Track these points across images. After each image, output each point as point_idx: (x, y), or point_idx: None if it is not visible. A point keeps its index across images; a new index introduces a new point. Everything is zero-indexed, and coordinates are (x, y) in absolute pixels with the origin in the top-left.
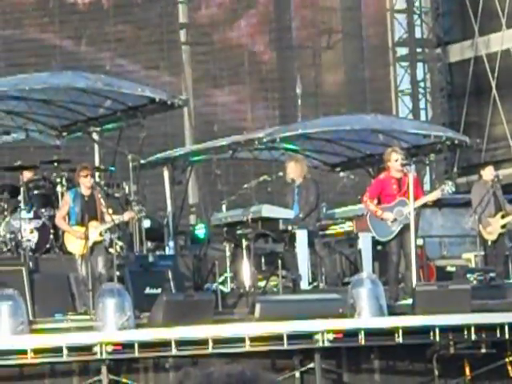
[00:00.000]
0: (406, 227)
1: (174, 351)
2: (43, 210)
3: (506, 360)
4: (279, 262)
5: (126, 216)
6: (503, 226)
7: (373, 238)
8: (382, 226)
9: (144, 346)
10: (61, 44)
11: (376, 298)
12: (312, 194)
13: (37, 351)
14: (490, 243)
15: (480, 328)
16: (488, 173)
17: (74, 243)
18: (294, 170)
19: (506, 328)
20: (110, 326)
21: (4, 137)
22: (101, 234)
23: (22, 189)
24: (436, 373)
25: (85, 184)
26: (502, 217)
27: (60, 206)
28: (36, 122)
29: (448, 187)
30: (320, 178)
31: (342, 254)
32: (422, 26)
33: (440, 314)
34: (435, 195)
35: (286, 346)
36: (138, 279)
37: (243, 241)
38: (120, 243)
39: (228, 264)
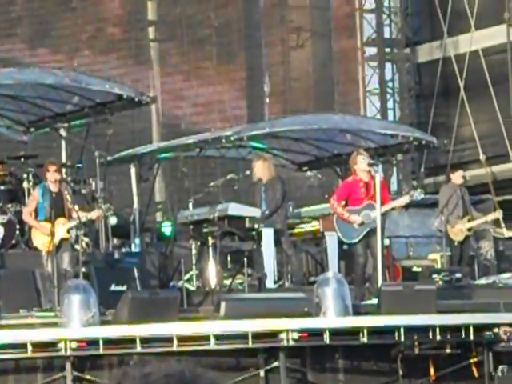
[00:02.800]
0: (372, 229)
1: (139, 348)
2: (9, 206)
3: (471, 361)
4: (245, 260)
5: (94, 215)
6: (469, 230)
7: (339, 237)
8: (347, 228)
9: (109, 342)
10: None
11: (341, 297)
12: (278, 191)
13: (1, 347)
14: (456, 244)
15: (445, 328)
16: (458, 176)
17: (41, 239)
18: (262, 169)
19: (471, 329)
20: (74, 322)
21: None
22: (68, 231)
23: None
24: (400, 373)
25: (51, 179)
26: (469, 220)
27: (28, 201)
28: (3, 117)
29: (417, 194)
30: (287, 177)
31: (308, 253)
32: (391, 26)
33: (405, 314)
34: (403, 201)
35: (250, 345)
36: (103, 276)
37: (209, 239)
38: (86, 240)
39: (194, 262)
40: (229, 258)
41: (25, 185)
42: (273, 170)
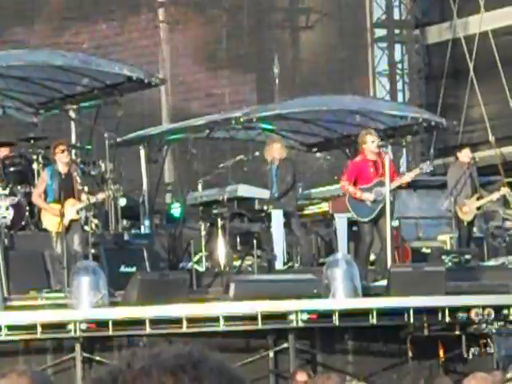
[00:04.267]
0: (381, 209)
1: (148, 330)
2: (19, 187)
3: (480, 342)
4: (254, 241)
5: (100, 196)
6: (478, 208)
7: (348, 218)
8: (361, 206)
9: (118, 324)
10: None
11: (351, 278)
12: (289, 173)
13: (11, 328)
14: (465, 224)
15: (454, 310)
16: (464, 155)
17: (51, 220)
18: (277, 151)
19: (481, 310)
20: (84, 303)
21: None
22: (77, 212)
23: None
24: (410, 354)
25: (61, 160)
26: (478, 199)
27: (37, 183)
28: (13, 99)
29: (426, 166)
30: (296, 158)
31: (317, 235)
32: (401, 8)
33: (414, 295)
34: (413, 174)
35: (260, 326)
36: (113, 257)
37: (219, 220)
38: (95, 221)
39: (203, 243)
40: (238, 240)
41: (34, 166)
42: (285, 151)
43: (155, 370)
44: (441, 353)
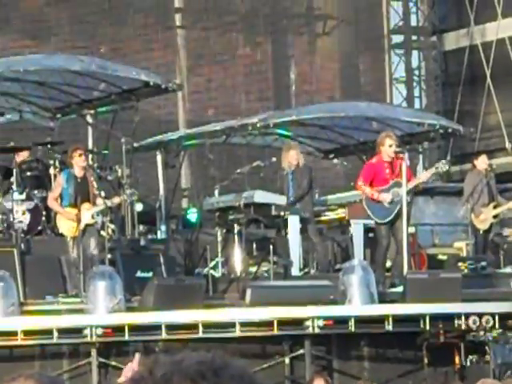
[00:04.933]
0: (398, 211)
1: (164, 335)
2: (35, 192)
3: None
4: (271, 247)
5: (115, 200)
6: (495, 216)
7: (365, 225)
8: (378, 208)
9: (134, 329)
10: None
11: (367, 285)
12: (305, 179)
13: (27, 333)
14: (481, 232)
15: (470, 317)
16: (481, 162)
17: (66, 224)
18: (296, 158)
19: (497, 317)
20: (100, 308)
21: None
22: (93, 217)
23: (14, 170)
24: (425, 361)
25: (78, 164)
26: (495, 207)
27: (53, 187)
28: (30, 103)
29: (442, 165)
30: (313, 165)
31: (333, 241)
32: (418, 14)
33: (431, 302)
34: (429, 173)
35: (276, 332)
36: (129, 262)
37: (235, 226)
38: (112, 226)
39: (219, 249)
40: (254, 246)
41: (51, 171)
42: (301, 158)
43: (176, 376)
44: (456, 360)
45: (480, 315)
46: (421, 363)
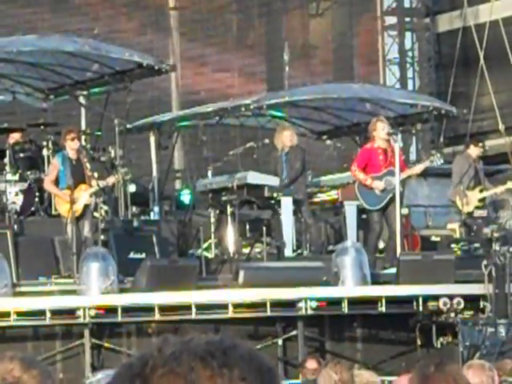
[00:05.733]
0: (390, 198)
1: (157, 316)
2: (29, 173)
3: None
4: (264, 228)
5: (110, 180)
6: (480, 200)
7: (358, 206)
8: (370, 195)
9: (127, 310)
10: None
11: (360, 266)
12: (298, 160)
13: (20, 314)
14: (465, 215)
15: (463, 298)
16: (474, 150)
17: (66, 206)
18: (290, 139)
19: (449, 300)
20: (93, 290)
21: None
22: (90, 197)
23: (7, 151)
24: (418, 342)
25: (71, 147)
26: (481, 191)
27: (49, 170)
28: (23, 84)
29: (437, 159)
30: (306, 146)
31: (326, 222)
32: None
33: (424, 283)
34: (423, 166)
35: (269, 313)
36: (122, 244)
37: (228, 207)
38: (105, 207)
39: (212, 230)
40: (247, 227)
41: (44, 152)
42: (295, 139)
43: (185, 355)
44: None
45: (452, 297)
46: (414, 344)
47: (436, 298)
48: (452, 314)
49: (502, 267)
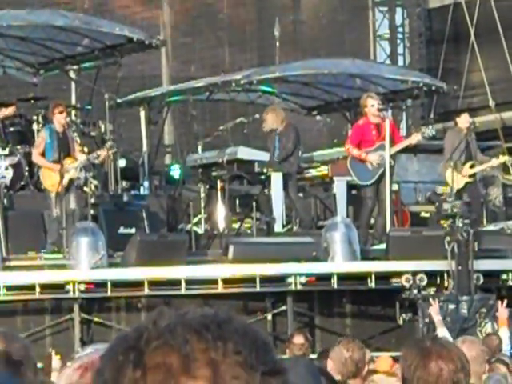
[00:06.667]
0: (382, 173)
1: (147, 291)
2: (18, 147)
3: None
4: (254, 204)
5: (100, 153)
6: (471, 176)
7: (348, 182)
8: (362, 170)
9: (117, 285)
10: None
11: (349, 242)
12: (290, 140)
13: (9, 288)
14: (455, 190)
15: (430, 274)
16: (463, 120)
17: (51, 180)
18: (275, 120)
19: (481, 275)
20: (83, 264)
21: None
22: (76, 171)
23: None
24: (407, 318)
25: (59, 121)
26: (471, 166)
27: (36, 142)
28: (13, 58)
29: (429, 131)
30: (296, 122)
31: (316, 198)
32: None
33: (413, 259)
34: (414, 138)
35: (258, 289)
36: (112, 218)
37: (218, 182)
38: (95, 182)
39: (202, 205)
40: (237, 202)
41: (34, 127)
42: (285, 118)
43: (180, 327)
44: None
45: (414, 273)
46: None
47: (431, 274)
48: (415, 291)
49: (465, 244)
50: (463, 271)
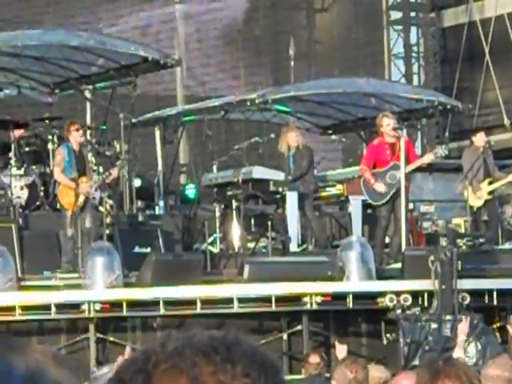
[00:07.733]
0: (397, 192)
1: (162, 311)
2: (34, 167)
3: (494, 326)
4: (269, 223)
5: (112, 172)
6: (490, 193)
7: (363, 201)
8: (374, 191)
9: (132, 305)
10: None
11: (365, 261)
12: (305, 160)
13: (25, 308)
14: (475, 209)
15: (468, 294)
16: (479, 139)
17: (69, 198)
18: (295, 139)
19: (495, 294)
20: (98, 284)
21: None
22: (91, 190)
23: (13, 145)
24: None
25: (75, 139)
26: (489, 183)
27: (55, 160)
28: (28, 78)
29: (441, 150)
30: (311, 140)
31: (331, 217)
32: None
33: (428, 278)
34: (428, 158)
35: (273, 308)
36: (127, 238)
37: (233, 202)
38: (110, 202)
39: (217, 224)
40: (253, 221)
41: (49, 146)
42: (301, 139)
43: (188, 350)
44: None
45: (399, 293)
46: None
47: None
48: (399, 311)
49: (449, 263)
50: (447, 290)
